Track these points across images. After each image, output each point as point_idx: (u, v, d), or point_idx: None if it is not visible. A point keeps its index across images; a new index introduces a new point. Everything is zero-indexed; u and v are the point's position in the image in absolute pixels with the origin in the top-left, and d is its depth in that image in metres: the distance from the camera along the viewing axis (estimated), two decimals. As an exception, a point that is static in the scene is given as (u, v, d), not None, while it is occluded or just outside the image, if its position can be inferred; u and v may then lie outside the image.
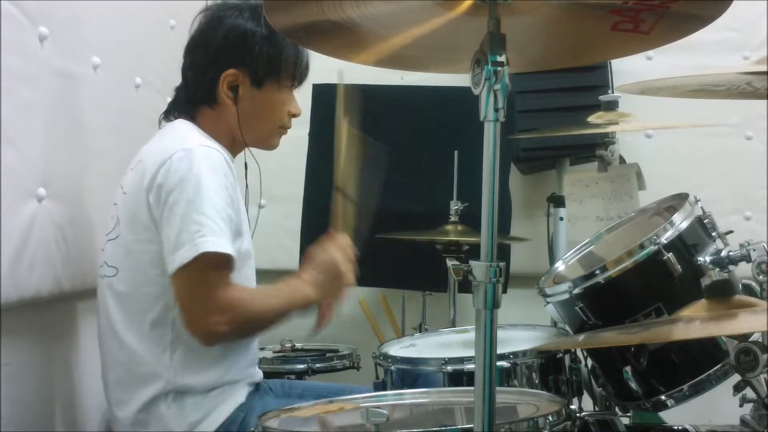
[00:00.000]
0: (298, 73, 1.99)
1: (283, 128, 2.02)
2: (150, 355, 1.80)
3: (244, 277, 1.92)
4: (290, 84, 1.99)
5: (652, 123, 2.84)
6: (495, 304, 1.18)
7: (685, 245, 1.86)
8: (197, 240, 1.70)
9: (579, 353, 2.00)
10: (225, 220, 1.75)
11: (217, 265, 1.74)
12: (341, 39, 1.33)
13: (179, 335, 1.79)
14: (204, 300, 1.73)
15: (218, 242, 1.72)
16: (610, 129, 2.41)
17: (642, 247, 1.84)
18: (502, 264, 1.18)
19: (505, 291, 1.22)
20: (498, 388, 1.23)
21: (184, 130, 1.91)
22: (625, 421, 1.95)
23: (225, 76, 1.92)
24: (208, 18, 1.95)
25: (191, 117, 1.94)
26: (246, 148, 2.05)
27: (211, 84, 1.93)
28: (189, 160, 1.76)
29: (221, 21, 1.93)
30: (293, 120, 2.06)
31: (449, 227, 2.46)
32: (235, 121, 1.94)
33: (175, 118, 1.97)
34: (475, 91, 1.20)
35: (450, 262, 1.28)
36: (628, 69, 2.82)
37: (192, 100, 1.95)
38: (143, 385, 1.80)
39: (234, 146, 1.98)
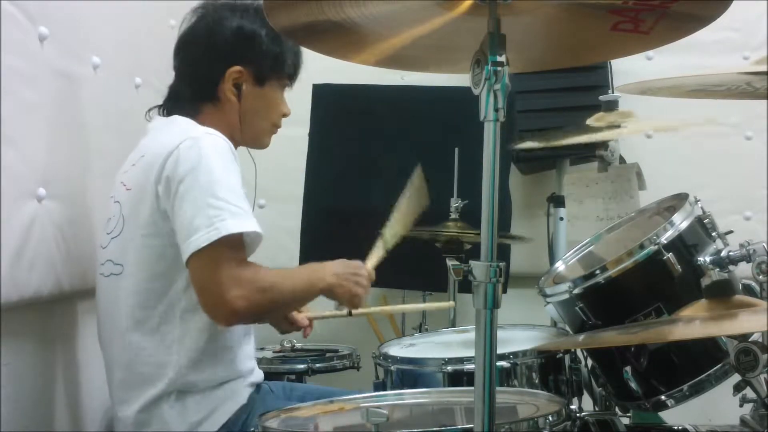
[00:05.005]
0: (296, 73, 2.03)
1: (276, 127, 2.05)
2: (156, 353, 1.79)
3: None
4: (288, 83, 2.03)
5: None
6: (495, 304, 1.18)
7: (685, 245, 1.86)
8: (217, 224, 1.71)
9: (579, 353, 2.00)
10: (242, 200, 1.77)
11: (236, 245, 1.75)
12: (341, 39, 1.33)
13: (185, 332, 1.79)
14: (223, 278, 1.72)
15: (240, 224, 1.74)
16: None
17: (642, 247, 1.84)
18: (502, 264, 1.19)
19: (505, 291, 1.22)
20: (498, 388, 1.23)
21: (185, 122, 1.91)
22: (625, 421, 1.95)
23: (230, 73, 1.94)
24: (210, 16, 1.96)
25: (193, 114, 1.94)
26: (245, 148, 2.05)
27: (215, 81, 1.95)
28: (197, 147, 1.77)
29: (226, 20, 1.95)
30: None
31: (449, 224, 2.47)
32: (236, 119, 1.96)
33: (173, 114, 1.96)
34: (475, 91, 1.20)
35: (450, 262, 1.28)
36: (628, 69, 2.82)
37: (195, 97, 1.96)
38: (147, 384, 1.79)
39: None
